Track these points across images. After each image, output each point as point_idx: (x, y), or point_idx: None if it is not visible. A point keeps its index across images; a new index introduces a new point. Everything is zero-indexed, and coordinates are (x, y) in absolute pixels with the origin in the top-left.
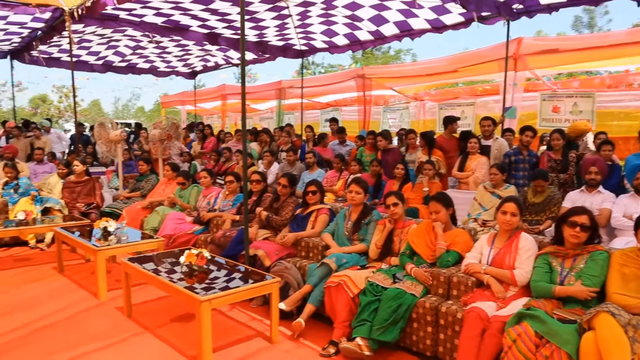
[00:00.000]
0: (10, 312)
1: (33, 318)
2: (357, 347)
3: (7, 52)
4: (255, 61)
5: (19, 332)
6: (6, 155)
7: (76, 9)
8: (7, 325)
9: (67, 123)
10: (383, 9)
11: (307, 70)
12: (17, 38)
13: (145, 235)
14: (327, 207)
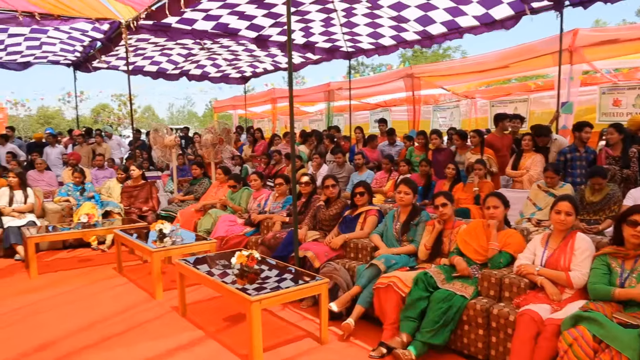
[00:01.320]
0: (74, 310)
1: (94, 315)
2: (401, 344)
3: (70, 63)
4: (304, 64)
5: (82, 328)
6: (70, 161)
7: (132, 20)
8: (71, 321)
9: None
10: (429, 9)
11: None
12: (79, 46)
13: (198, 237)
14: (376, 209)
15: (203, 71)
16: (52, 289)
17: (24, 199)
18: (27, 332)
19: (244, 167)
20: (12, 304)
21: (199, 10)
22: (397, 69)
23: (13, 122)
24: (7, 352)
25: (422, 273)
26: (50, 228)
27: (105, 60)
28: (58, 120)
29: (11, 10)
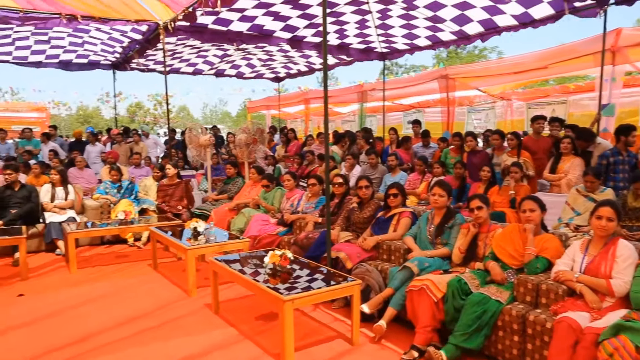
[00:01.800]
0: (111, 304)
1: (130, 311)
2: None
3: (110, 64)
4: (338, 65)
5: (118, 322)
6: (109, 160)
7: (169, 22)
8: (108, 315)
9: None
10: (466, 8)
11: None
12: (119, 47)
13: (232, 235)
14: (410, 210)
15: (238, 71)
16: (91, 284)
17: (65, 195)
18: (67, 324)
19: (277, 167)
20: (53, 297)
21: (235, 10)
22: (431, 70)
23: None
24: (48, 342)
25: (455, 280)
26: (89, 224)
27: (144, 63)
28: (97, 120)
29: (55, 13)
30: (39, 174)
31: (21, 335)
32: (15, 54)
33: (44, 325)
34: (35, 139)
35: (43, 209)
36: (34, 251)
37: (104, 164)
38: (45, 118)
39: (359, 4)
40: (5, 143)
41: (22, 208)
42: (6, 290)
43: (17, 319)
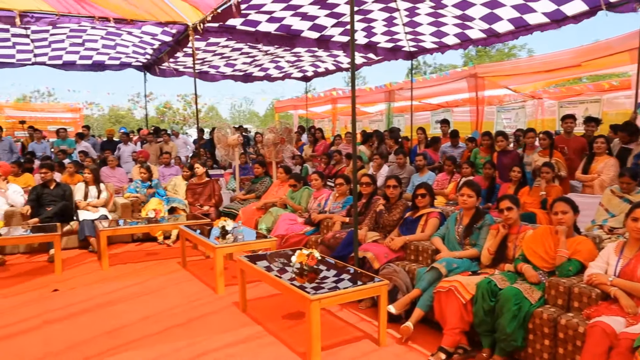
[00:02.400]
0: (141, 301)
1: (160, 307)
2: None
3: (141, 65)
4: (365, 64)
5: (148, 319)
6: (139, 159)
7: (199, 23)
8: (138, 311)
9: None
10: (496, 7)
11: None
12: (150, 50)
13: (259, 234)
14: (438, 211)
15: (266, 73)
16: (122, 280)
17: (98, 194)
18: (99, 319)
19: (304, 166)
20: (86, 292)
21: (263, 12)
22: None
23: (88, 122)
24: (81, 336)
25: (484, 281)
26: (120, 222)
27: (175, 68)
28: (128, 120)
29: (88, 16)
30: (73, 173)
31: (55, 328)
32: (51, 55)
33: (77, 320)
34: (69, 139)
35: (77, 207)
36: (68, 248)
37: (135, 163)
38: (79, 118)
39: (386, 2)
40: (41, 143)
41: (57, 206)
42: (42, 285)
43: (52, 313)
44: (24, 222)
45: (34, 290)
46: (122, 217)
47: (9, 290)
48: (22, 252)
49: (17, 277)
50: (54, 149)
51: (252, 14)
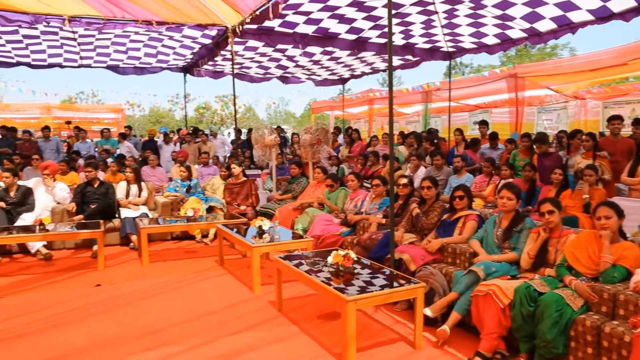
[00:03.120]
0: (179, 298)
1: (197, 304)
2: None
3: (181, 67)
4: (403, 66)
5: (186, 315)
6: (179, 159)
7: (238, 25)
8: (176, 308)
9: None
10: (537, 5)
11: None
12: (190, 54)
13: (295, 235)
14: (476, 213)
15: (303, 75)
16: (161, 277)
17: (139, 192)
18: (139, 314)
19: (341, 167)
20: (127, 287)
21: (300, 13)
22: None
23: (129, 122)
24: (121, 330)
25: (523, 286)
26: (160, 220)
27: (213, 70)
28: (168, 120)
29: (133, 20)
30: (116, 172)
31: (98, 321)
32: (96, 59)
33: (118, 314)
34: (112, 139)
35: (118, 204)
36: (110, 244)
37: (174, 163)
38: (121, 119)
39: (424, 5)
40: (85, 142)
41: (100, 204)
42: (85, 280)
43: (95, 307)
44: (69, 219)
45: (78, 284)
46: (161, 215)
47: (55, 284)
48: (68, 248)
49: (62, 271)
50: (97, 149)
51: (289, 14)
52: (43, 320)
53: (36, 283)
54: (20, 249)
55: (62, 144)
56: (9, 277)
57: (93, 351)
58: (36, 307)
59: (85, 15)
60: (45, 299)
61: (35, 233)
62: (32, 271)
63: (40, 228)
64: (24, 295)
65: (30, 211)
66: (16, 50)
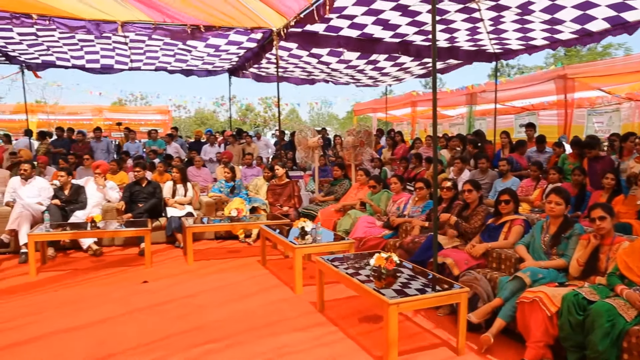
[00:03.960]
0: (223, 296)
1: (240, 303)
2: None
3: (226, 70)
4: (447, 69)
5: (230, 314)
6: (223, 160)
7: (282, 28)
8: (221, 307)
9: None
10: (589, 7)
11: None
12: (235, 57)
13: (337, 236)
14: (522, 218)
15: (347, 79)
16: (205, 275)
17: (185, 192)
18: (183, 311)
19: (383, 169)
20: (172, 285)
21: (345, 17)
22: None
23: (175, 123)
24: (167, 327)
25: (571, 294)
26: (204, 220)
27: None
28: (212, 122)
29: (181, 24)
30: (163, 172)
31: (145, 318)
32: (146, 62)
33: (164, 310)
34: (159, 140)
35: (165, 204)
36: (156, 242)
37: (219, 164)
38: (168, 120)
39: (470, 11)
40: (134, 143)
41: (148, 203)
42: (133, 276)
43: (142, 303)
44: (118, 217)
45: (126, 280)
46: (206, 214)
47: (105, 279)
48: (117, 245)
49: (112, 267)
50: (145, 149)
51: (333, 18)
52: (93, 314)
53: (87, 278)
54: (73, 245)
55: (112, 145)
56: (62, 272)
57: (140, 345)
58: (87, 301)
59: (137, 20)
60: (96, 293)
61: (87, 230)
62: (83, 266)
63: (91, 225)
64: (76, 289)
65: (83, 209)
66: (72, 52)
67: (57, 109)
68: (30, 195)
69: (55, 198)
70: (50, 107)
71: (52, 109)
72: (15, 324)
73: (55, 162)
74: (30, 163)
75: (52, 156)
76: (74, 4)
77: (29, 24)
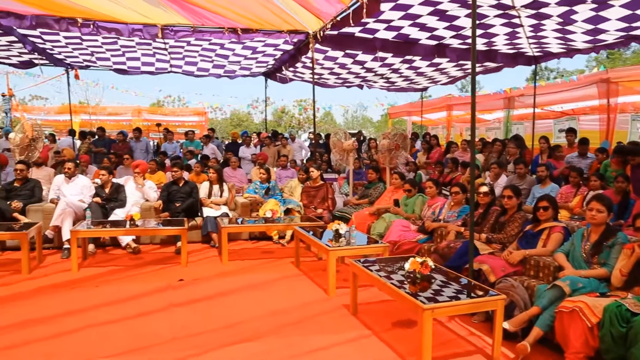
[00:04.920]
0: (256, 296)
1: (273, 303)
2: None
3: (262, 72)
4: (484, 72)
5: (262, 314)
6: (259, 161)
7: (319, 31)
8: (253, 306)
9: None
10: (637, 8)
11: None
12: (272, 60)
13: (371, 239)
14: (562, 225)
15: (382, 83)
16: (239, 275)
17: (220, 193)
18: (217, 310)
19: (418, 173)
20: (207, 283)
21: (381, 21)
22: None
23: (211, 124)
24: (199, 324)
25: (614, 304)
26: (239, 220)
27: (292, 77)
28: (247, 123)
29: (219, 27)
30: (199, 172)
31: (180, 313)
32: (185, 67)
33: (198, 308)
34: (196, 140)
35: (201, 204)
36: (192, 241)
37: (254, 165)
38: (204, 121)
39: (509, 17)
40: (172, 143)
41: (185, 202)
42: (169, 274)
43: (177, 300)
44: (156, 216)
45: (163, 278)
46: (241, 215)
47: (142, 276)
48: (154, 243)
49: (149, 265)
50: (182, 150)
51: (370, 22)
52: (131, 309)
53: (125, 274)
54: (112, 242)
55: (151, 145)
56: (102, 268)
57: (174, 341)
58: (125, 297)
59: (176, 23)
60: (133, 289)
61: (126, 228)
62: (121, 263)
63: (130, 223)
64: (114, 285)
65: (122, 207)
66: (115, 58)
67: (99, 109)
68: (73, 193)
69: (96, 196)
70: (92, 108)
71: (94, 109)
72: (59, 317)
73: (96, 161)
74: (74, 162)
75: (93, 155)
76: (116, 8)
77: (74, 29)
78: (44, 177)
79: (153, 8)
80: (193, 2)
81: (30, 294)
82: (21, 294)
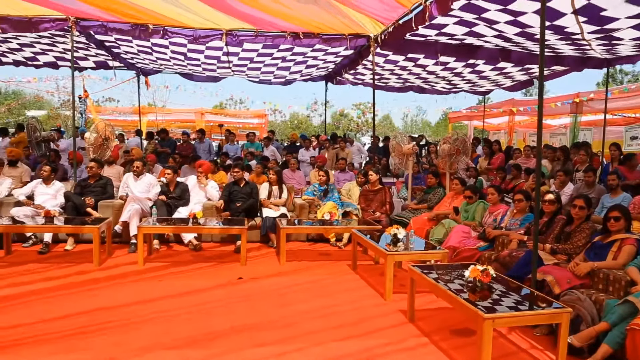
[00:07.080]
0: (312, 297)
1: (329, 305)
2: None
3: (322, 76)
4: (551, 76)
5: (318, 313)
6: (318, 163)
7: (380, 35)
8: (308, 307)
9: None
10: None
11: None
12: (332, 65)
13: (429, 245)
14: (635, 237)
15: (441, 87)
16: (296, 276)
17: (279, 194)
18: (274, 308)
19: (479, 179)
20: (265, 282)
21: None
22: None
23: (271, 126)
24: (257, 321)
25: None
26: (297, 222)
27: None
28: (306, 126)
29: (281, 32)
30: (260, 174)
31: (238, 310)
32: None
33: (256, 306)
34: (257, 142)
35: (261, 204)
36: (251, 241)
37: (313, 167)
38: (264, 123)
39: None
40: (234, 144)
41: (246, 203)
42: (229, 272)
43: (236, 297)
44: (217, 215)
45: (223, 275)
46: (299, 216)
47: (203, 272)
48: (214, 241)
49: (209, 261)
50: (243, 151)
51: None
52: (192, 304)
53: (188, 270)
54: (175, 239)
55: (213, 146)
56: (166, 263)
57: (233, 336)
58: (187, 291)
59: (240, 28)
60: (194, 284)
61: (189, 225)
62: (184, 259)
63: (193, 221)
64: (177, 280)
65: (186, 205)
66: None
67: (165, 111)
68: (140, 190)
69: (162, 194)
70: (159, 110)
71: (160, 111)
72: (126, 306)
73: (160, 160)
74: (142, 161)
75: (158, 155)
76: (184, 13)
77: (145, 38)
78: (115, 174)
79: (219, 14)
80: (256, 6)
81: (100, 284)
82: (93, 283)
